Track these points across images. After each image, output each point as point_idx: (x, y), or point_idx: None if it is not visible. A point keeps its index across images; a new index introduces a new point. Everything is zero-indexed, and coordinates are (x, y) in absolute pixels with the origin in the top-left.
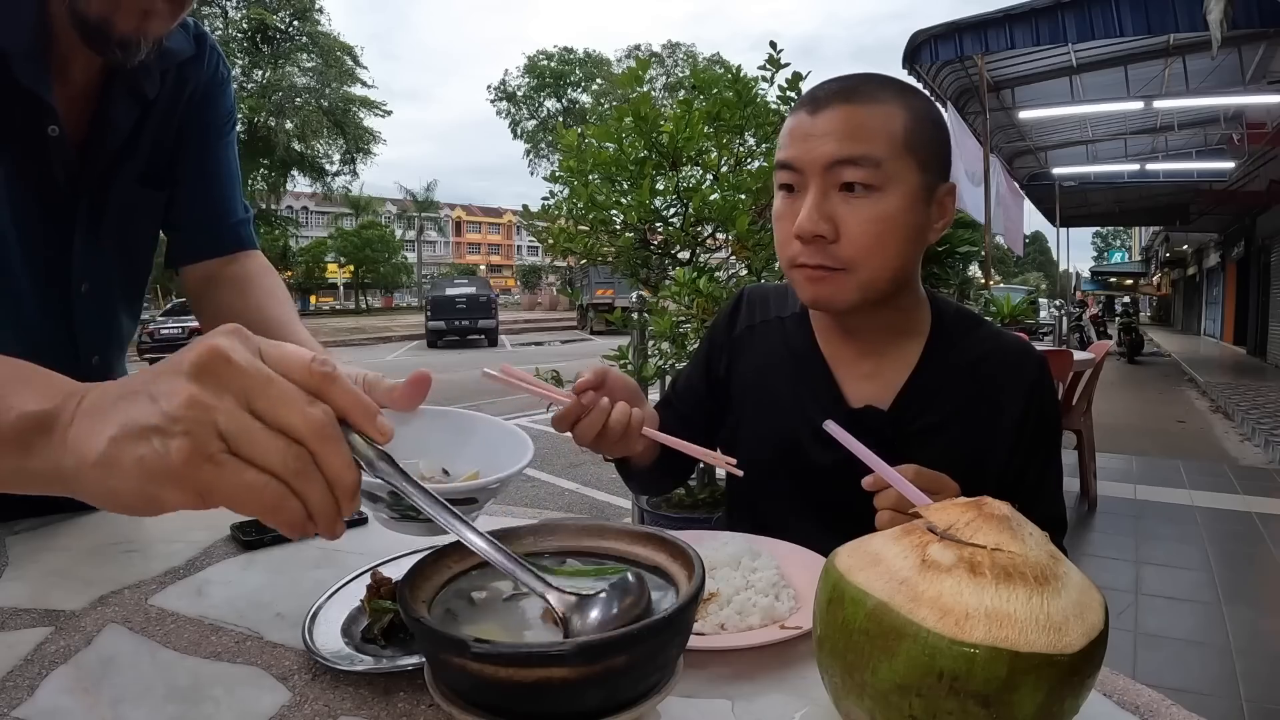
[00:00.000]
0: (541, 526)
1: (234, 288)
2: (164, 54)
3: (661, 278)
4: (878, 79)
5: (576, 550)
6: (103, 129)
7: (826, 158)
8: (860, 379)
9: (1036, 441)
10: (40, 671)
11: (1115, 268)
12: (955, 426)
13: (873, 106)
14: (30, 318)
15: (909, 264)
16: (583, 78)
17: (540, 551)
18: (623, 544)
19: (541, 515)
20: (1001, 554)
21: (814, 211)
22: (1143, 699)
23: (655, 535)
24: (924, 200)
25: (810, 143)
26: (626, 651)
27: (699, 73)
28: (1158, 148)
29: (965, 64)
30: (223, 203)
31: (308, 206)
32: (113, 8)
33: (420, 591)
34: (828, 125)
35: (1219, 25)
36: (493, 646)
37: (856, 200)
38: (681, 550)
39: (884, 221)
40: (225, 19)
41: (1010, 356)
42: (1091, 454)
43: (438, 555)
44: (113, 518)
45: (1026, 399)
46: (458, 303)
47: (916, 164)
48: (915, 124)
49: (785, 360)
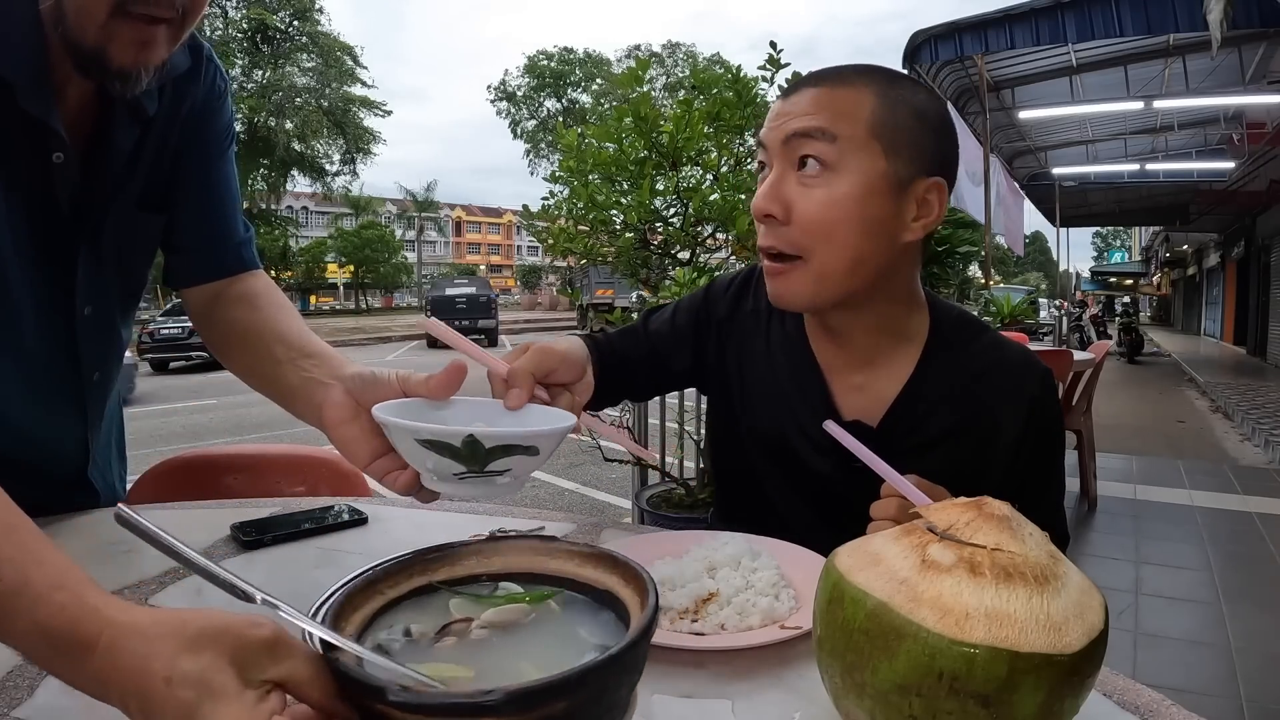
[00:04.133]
0: (487, 545)
1: (244, 305)
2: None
3: (661, 278)
4: (863, 67)
5: (520, 572)
6: (104, 151)
7: (787, 131)
8: (851, 390)
9: (1036, 458)
10: (40, 671)
11: (1115, 268)
12: (949, 444)
13: (843, 88)
14: (32, 343)
15: (871, 258)
16: (583, 78)
17: (478, 574)
18: (572, 565)
19: (541, 515)
20: (1001, 554)
21: (768, 190)
22: (1143, 699)
23: (608, 556)
24: (889, 191)
25: (776, 121)
26: (566, 697)
27: (699, 73)
28: (1158, 148)
29: (965, 64)
30: (224, 224)
31: (308, 206)
32: (107, 38)
33: (348, 622)
34: (795, 104)
35: (1219, 25)
36: (412, 695)
37: (811, 180)
38: (635, 574)
39: (835, 205)
40: (225, 19)
41: (1011, 371)
42: (1091, 454)
43: (369, 581)
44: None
45: (1027, 416)
46: (458, 303)
47: (883, 149)
48: (887, 109)
49: (782, 358)
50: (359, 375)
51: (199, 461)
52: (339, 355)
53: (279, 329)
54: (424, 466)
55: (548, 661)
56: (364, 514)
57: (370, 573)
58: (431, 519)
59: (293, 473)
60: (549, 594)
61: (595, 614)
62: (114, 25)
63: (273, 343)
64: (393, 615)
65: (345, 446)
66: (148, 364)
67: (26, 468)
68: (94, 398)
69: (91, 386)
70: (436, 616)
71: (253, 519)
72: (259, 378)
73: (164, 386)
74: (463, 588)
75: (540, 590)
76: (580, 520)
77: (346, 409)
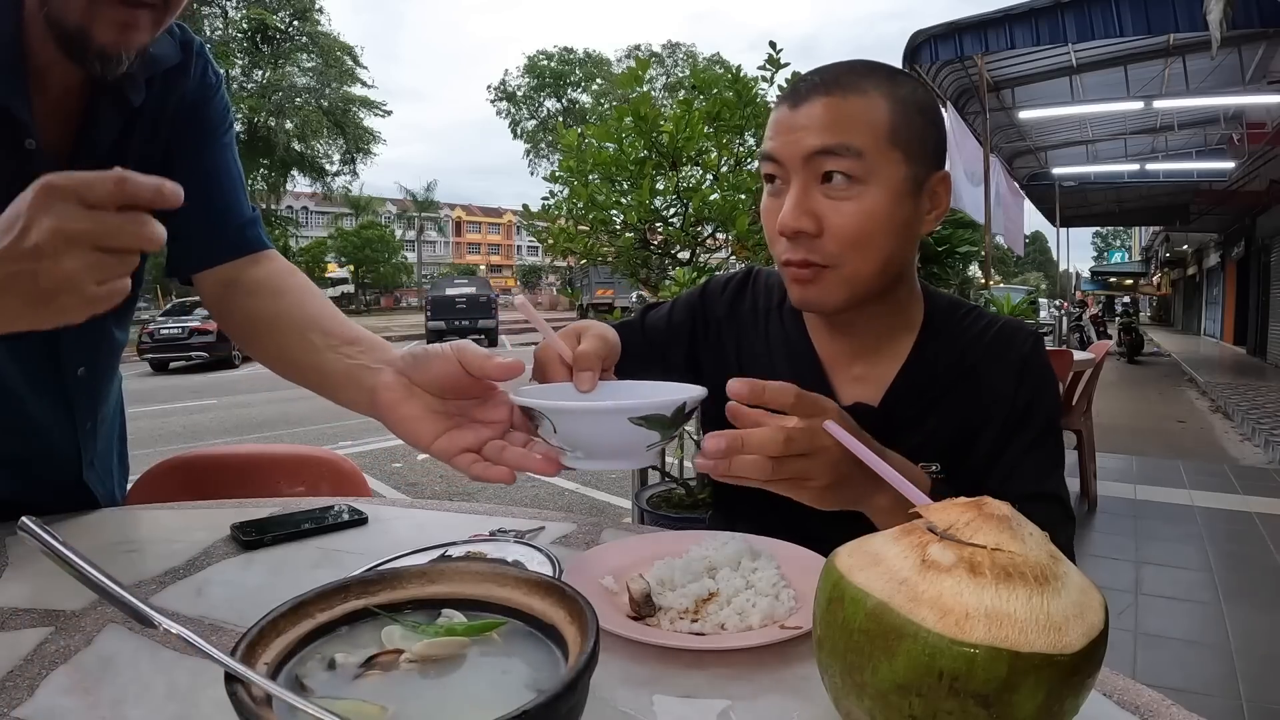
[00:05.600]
0: (432, 569)
1: (266, 291)
2: (148, 60)
3: (661, 278)
4: (861, 66)
5: (466, 598)
6: (87, 141)
7: (808, 149)
8: (852, 381)
9: (1027, 417)
10: (40, 671)
11: (1115, 268)
12: (946, 408)
13: (855, 96)
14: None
15: (898, 258)
16: (583, 78)
17: (421, 599)
18: (520, 594)
19: (542, 515)
20: (1001, 554)
21: (796, 207)
22: (1143, 699)
23: (557, 588)
24: (911, 193)
25: (792, 135)
26: None
27: (699, 73)
28: (1158, 148)
29: (965, 64)
30: (226, 204)
31: (308, 206)
32: (90, 18)
33: (268, 648)
34: (809, 116)
35: (1219, 25)
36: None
37: (840, 194)
38: (580, 610)
39: (869, 216)
40: (225, 19)
41: (1001, 335)
42: (1091, 454)
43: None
44: (113, 517)
45: (1019, 373)
46: (458, 303)
47: (903, 155)
48: (901, 114)
49: (781, 355)
50: (409, 354)
51: (199, 461)
52: (382, 340)
53: (312, 314)
54: (583, 444)
55: (474, 702)
56: (364, 514)
57: (302, 594)
58: (431, 519)
59: (293, 473)
60: (492, 625)
61: (538, 650)
62: (98, 6)
63: (307, 330)
64: (323, 643)
65: (405, 427)
66: (148, 364)
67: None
68: (80, 394)
69: (75, 381)
70: (369, 646)
71: (253, 519)
72: (293, 366)
73: (164, 386)
74: (403, 614)
75: (484, 620)
76: (580, 520)
77: (400, 389)
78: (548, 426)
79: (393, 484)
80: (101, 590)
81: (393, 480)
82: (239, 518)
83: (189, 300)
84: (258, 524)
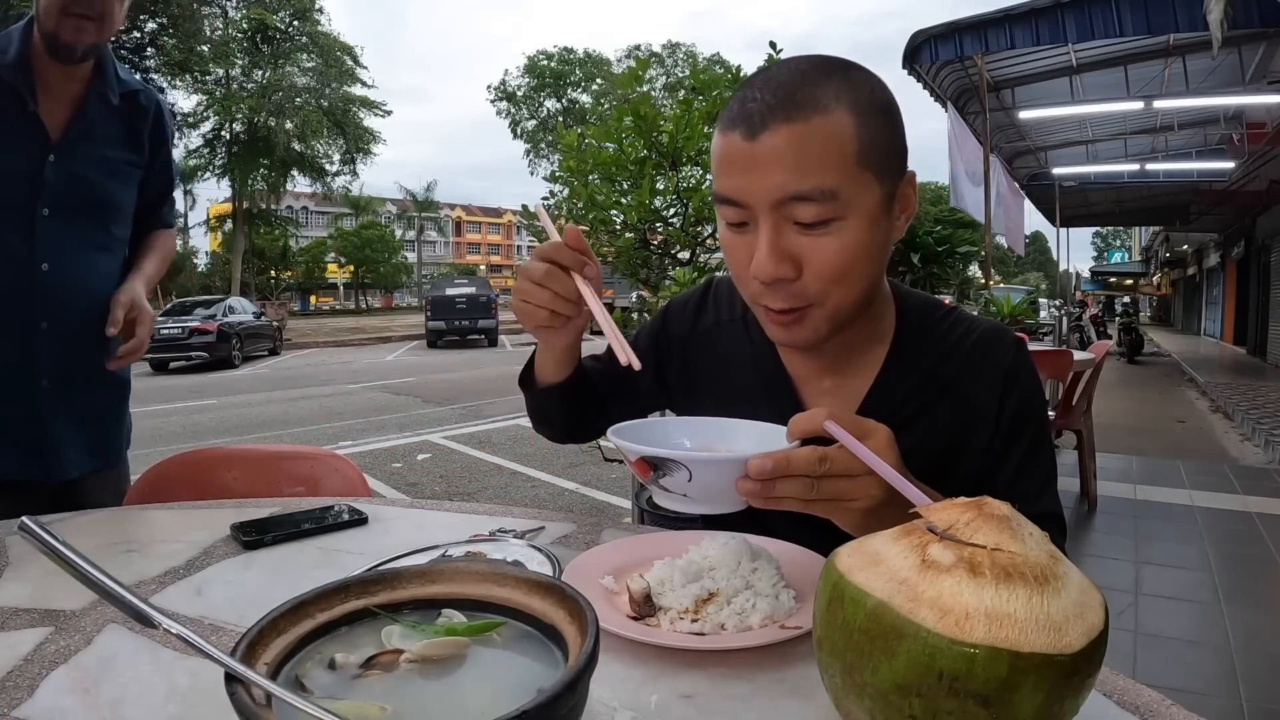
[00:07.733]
0: (432, 569)
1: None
2: (121, 82)
3: (661, 278)
4: (815, 73)
5: (466, 598)
6: (80, 116)
7: (776, 193)
8: (822, 394)
9: (1016, 431)
10: (40, 671)
11: (1115, 268)
12: (924, 423)
13: (818, 117)
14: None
15: (878, 278)
16: (583, 78)
17: (421, 599)
18: (520, 594)
19: (542, 515)
20: (1001, 554)
21: (771, 254)
22: (1143, 699)
23: (557, 588)
24: (886, 210)
25: (754, 175)
26: None
27: (699, 73)
28: (1158, 148)
29: (965, 64)
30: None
31: (308, 206)
32: (57, 26)
33: (268, 648)
34: (771, 151)
35: (1219, 25)
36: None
37: (817, 233)
38: (580, 610)
39: (849, 250)
40: (225, 19)
41: (980, 344)
42: (1091, 454)
43: (300, 603)
44: (113, 518)
45: (1003, 386)
46: (458, 303)
47: (874, 176)
48: (865, 125)
49: (750, 370)
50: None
51: (199, 461)
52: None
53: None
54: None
55: (474, 702)
56: (364, 514)
57: (302, 595)
58: (431, 519)
59: (293, 473)
60: (492, 625)
61: (538, 650)
62: (62, 19)
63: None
64: (323, 643)
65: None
66: (147, 364)
67: None
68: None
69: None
70: (369, 646)
71: (253, 519)
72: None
73: (164, 386)
74: (404, 614)
75: (484, 620)
76: (580, 520)
77: None
78: (680, 477)
79: (393, 484)
80: (101, 590)
81: (393, 480)
82: (239, 518)
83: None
84: (258, 524)
